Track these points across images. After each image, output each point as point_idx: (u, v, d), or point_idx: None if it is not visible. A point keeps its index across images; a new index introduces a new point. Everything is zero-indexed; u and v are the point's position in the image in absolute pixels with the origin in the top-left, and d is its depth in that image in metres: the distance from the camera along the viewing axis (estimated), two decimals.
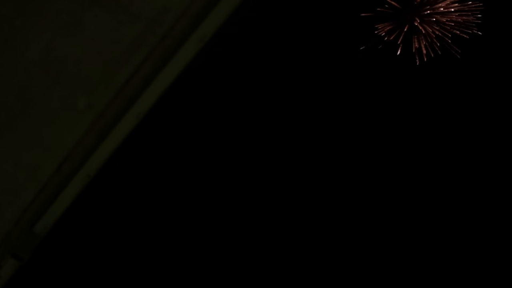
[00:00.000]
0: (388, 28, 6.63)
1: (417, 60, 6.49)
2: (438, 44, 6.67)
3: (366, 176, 4.55)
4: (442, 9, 7.07)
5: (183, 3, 1.82)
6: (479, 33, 6.25)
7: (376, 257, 4.58)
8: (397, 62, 4.85)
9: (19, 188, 2.05)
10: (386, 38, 6.29)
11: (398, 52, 6.24)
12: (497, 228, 4.50)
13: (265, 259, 4.53)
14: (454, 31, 6.74)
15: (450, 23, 6.99)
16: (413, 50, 6.41)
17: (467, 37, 6.30)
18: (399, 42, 6.61)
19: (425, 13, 7.11)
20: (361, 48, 5.40)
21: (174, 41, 1.87)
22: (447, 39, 6.58)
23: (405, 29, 6.63)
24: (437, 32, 6.81)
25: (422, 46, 6.70)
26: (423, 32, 6.85)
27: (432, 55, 6.46)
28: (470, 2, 6.83)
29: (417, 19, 7.00)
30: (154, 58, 1.87)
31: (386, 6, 6.75)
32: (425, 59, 6.43)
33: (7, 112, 1.94)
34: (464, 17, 6.78)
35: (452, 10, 6.96)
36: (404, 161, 4.60)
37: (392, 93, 4.62)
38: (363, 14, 6.14)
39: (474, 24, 6.65)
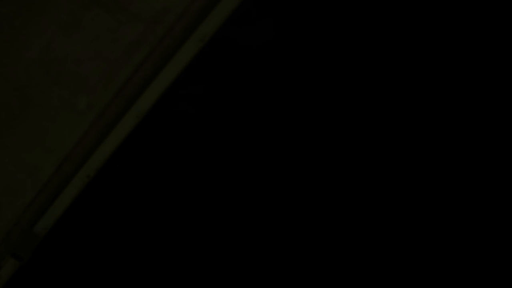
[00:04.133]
0: None
1: None
2: None
3: (366, 174, 4.58)
4: None
5: (183, 3, 1.82)
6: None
7: (376, 257, 4.60)
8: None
9: (19, 188, 2.05)
10: None
11: None
12: (497, 228, 4.53)
13: (265, 259, 4.54)
14: None
15: None
16: None
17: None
18: None
19: None
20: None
21: (174, 41, 1.87)
22: None
23: None
24: None
25: None
26: None
27: None
28: None
29: None
30: (154, 58, 1.88)
31: None
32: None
33: (7, 112, 1.94)
34: None
35: None
36: (404, 160, 4.63)
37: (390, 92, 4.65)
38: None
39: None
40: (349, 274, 4.69)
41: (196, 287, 4.58)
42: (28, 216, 2.10)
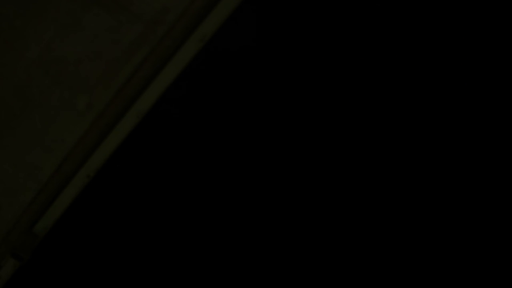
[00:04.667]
0: None
1: None
2: None
3: (366, 174, 4.57)
4: None
5: (183, 3, 1.82)
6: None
7: (376, 257, 4.60)
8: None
9: (19, 188, 2.05)
10: None
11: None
12: (497, 228, 4.52)
13: (265, 259, 4.53)
14: None
15: None
16: None
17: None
18: None
19: None
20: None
21: (174, 41, 1.87)
22: None
23: None
24: None
25: None
26: None
27: None
28: None
29: None
30: (154, 58, 1.88)
31: None
32: None
33: (7, 112, 1.94)
34: None
35: None
36: (404, 159, 4.62)
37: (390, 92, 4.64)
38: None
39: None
40: (349, 274, 4.68)
41: (196, 287, 4.58)
42: (28, 216, 2.09)
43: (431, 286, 4.58)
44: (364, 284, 4.62)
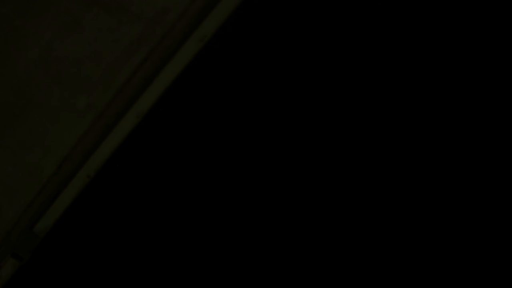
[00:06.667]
0: None
1: None
2: None
3: (366, 174, 4.57)
4: None
5: (183, 3, 1.82)
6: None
7: (376, 257, 4.59)
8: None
9: (19, 188, 2.05)
10: None
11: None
12: (497, 228, 4.51)
13: (265, 259, 4.53)
14: None
15: None
16: None
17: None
18: None
19: None
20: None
21: (174, 41, 1.87)
22: None
23: None
24: None
25: None
26: None
27: None
28: None
29: None
30: (154, 58, 1.88)
31: None
32: None
33: (7, 112, 1.94)
34: None
35: None
36: (405, 159, 4.61)
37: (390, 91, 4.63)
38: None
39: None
40: (349, 274, 4.68)
41: (196, 287, 4.58)
42: (28, 216, 2.09)
43: (431, 286, 4.57)
44: (364, 284, 4.61)
